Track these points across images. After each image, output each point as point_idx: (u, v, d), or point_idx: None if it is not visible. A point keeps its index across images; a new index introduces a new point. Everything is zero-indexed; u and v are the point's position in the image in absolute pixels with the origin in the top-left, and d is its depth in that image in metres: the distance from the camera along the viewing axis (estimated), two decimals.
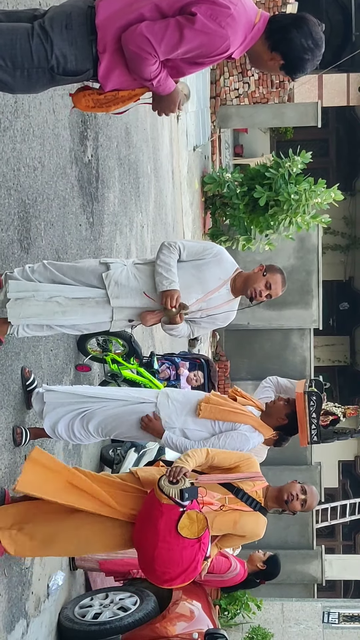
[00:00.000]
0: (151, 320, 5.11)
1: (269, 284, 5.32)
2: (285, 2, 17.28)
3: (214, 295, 5.20)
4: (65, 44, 3.59)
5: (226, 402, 5.70)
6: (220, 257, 5.21)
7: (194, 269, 5.14)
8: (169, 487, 4.63)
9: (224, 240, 15.44)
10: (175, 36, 3.58)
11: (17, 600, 5.41)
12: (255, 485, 5.32)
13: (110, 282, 4.99)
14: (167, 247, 5.08)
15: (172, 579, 4.73)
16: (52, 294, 4.94)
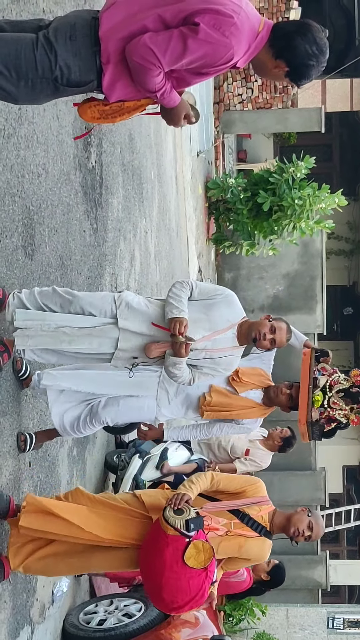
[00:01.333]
0: (155, 351, 5.08)
1: (274, 328, 5.35)
2: (289, 8, 17.29)
3: (220, 337, 5.21)
4: (69, 54, 3.59)
5: (227, 399, 5.65)
6: (231, 300, 5.26)
7: (204, 307, 5.18)
8: (174, 519, 4.63)
9: (228, 246, 15.44)
10: (179, 47, 3.58)
11: (21, 607, 5.41)
12: (262, 509, 5.29)
13: (122, 302, 5.04)
14: (179, 283, 5.17)
15: (180, 607, 4.73)
16: (60, 324, 4.97)
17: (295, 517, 5.40)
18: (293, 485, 16.26)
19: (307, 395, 5.60)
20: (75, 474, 6.82)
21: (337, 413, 5.57)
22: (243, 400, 5.68)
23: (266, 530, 5.29)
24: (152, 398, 5.61)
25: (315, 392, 5.59)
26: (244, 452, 8.56)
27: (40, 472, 5.82)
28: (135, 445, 7.71)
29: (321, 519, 5.56)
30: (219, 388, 5.67)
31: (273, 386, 5.76)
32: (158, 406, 5.62)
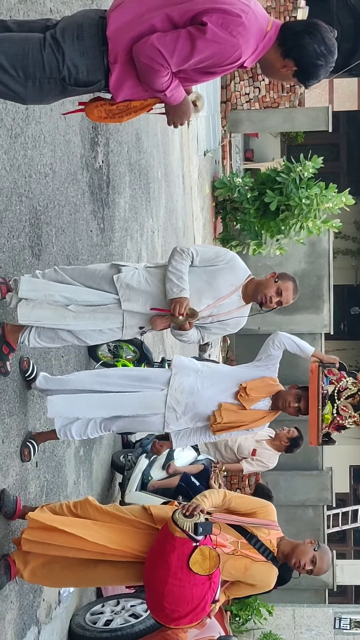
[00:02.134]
0: (161, 324, 5.10)
1: (280, 290, 5.29)
2: (296, 7, 17.26)
3: (225, 302, 5.18)
4: (77, 54, 3.58)
5: (237, 415, 5.58)
6: (233, 264, 5.19)
7: (206, 275, 5.12)
8: (183, 520, 4.59)
9: (235, 245, 15.43)
10: (187, 47, 3.56)
11: (28, 608, 5.40)
12: (270, 533, 5.25)
13: (122, 284, 4.99)
14: (179, 252, 5.07)
15: (181, 618, 4.64)
16: (63, 294, 4.93)
17: (301, 548, 5.32)
18: (300, 485, 16.24)
19: (317, 418, 5.54)
20: (82, 474, 6.81)
21: (347, 422, 5.51)
22: (252, 413, 5.60)
23: (273, 556, 5.23)
24: (160, 416, 5.57)
25: (325, 410, 5.53)
26: (251, 452, 8.56)
27: (46, 472, 5.82)
28: (141, 445, 7.70)
29: (328, 555, 5.44)
30: (227, 405, 5.58)
31: (281, 396, 5.64)
32: (166, 423, 5.59)
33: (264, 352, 5.71)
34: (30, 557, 4.90)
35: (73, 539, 4.83)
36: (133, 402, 5.51)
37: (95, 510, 5.03)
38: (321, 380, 5.47)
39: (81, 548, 4.85)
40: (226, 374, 5.71)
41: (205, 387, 5.55)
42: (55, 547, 4.86)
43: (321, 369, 5.53)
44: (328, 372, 5.52)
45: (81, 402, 5.46)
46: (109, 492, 7.91)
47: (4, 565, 4.83)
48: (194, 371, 5.63)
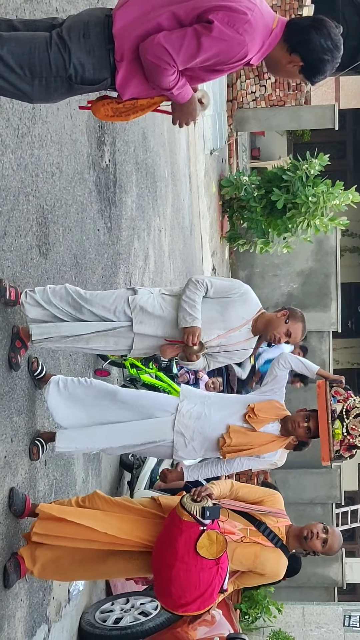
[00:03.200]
0: (170, 353, 5.18)
1: (290, 332, 5.34)
2: (302, 5, 17.25)
3: (235, 333, 5.23)
4: (83, 52, 3.59)
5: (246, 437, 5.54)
6: (246, 297, 5.24)
7: (219, 306, 5.18)
8: (190, 504, 4.61)
9: (242, 244, 15.43)
10: (193, 45, 3.57)
11: (38, 606, 5.42)
12: (279, 521, 5.27)
13: (136, 306, 5.06)
14: (194, 283, 5.13)
15: (188, 604, 4.64)
16: (75, 333, 5.06)
17: (310, 524, 5.40)
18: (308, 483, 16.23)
19: (327, 432, 5.52)
20: (91, 472, 6.83)
21: (357, 440, 5.49)
22: (262, 435, 5.58)
23: (282, 543, 5.25)
24: (169, 442, 5.55)
25: (335, 425, 5.51)
26: None
27: (55, 470, 5.83)
28: None
29: (339, 532, 5.49)
30: (236, 427, 5.55)
31: (290, 418, 5.62)
32: (175, 449, 5.57)
33: (270, 374, 5.73)
34: (39, 552, 4.92)
35: (83, 530, 4.85)
36: (142, 430, 5.47)
37: (103, 502, 5.06)
38: (329, 396, 5.48)
39: (91, 539, 4.87)
40: (233, 400, 5.74)
41: (213, 412, 5.53)
42: (65, 538, 4.89)
43: (328, 384, 5.54)
44: (335, 392, 5.52)
45: (91, 435, 5.43)
46: (117, 491, 7.92)
47: (13, 564, 4.85)
48: (201, 397, 5.64)
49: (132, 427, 5.47)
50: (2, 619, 4.77)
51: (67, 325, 5.05)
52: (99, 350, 5.30)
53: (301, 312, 5.50)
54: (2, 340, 4.84)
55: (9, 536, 4.92)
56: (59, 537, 4.89)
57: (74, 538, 4.89)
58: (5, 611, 4.83)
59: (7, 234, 4.82)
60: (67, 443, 5.40)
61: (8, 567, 4.81)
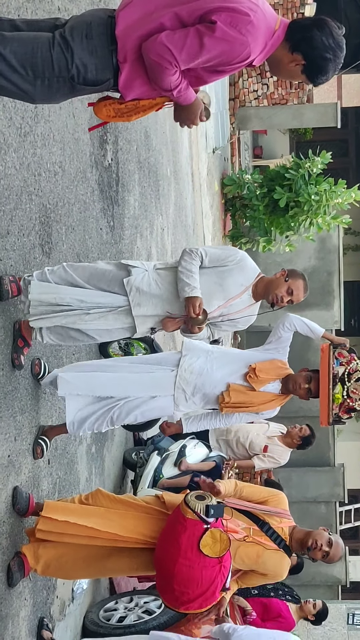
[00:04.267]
0: (172, 327, 5.16)
1: (291, 289, 5.30)
2: (304, 3, 17.24)
3: (236, 301, 5.21)
4: (86, 53, 3.59)
5: (246, 396, 5.58)
6: (243, 264, 5.19)
7: (216, 276, 5.13)
8: (194, 502, 4.61)
9: (244, 242, 15.42)
10: (196, 45, 3.57)
11: (42, 605, 5.42)
12: (282, 522, 5.26)
13: (132, 288, 5.01)
14: (188, 253, 5.09)
15: (190, 601, 4.63)
16: (75, 297, 4.97)
17: (316, 531, 5.39)
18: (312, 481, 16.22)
19: (327, 397, 5.53)
20: (94, 471, 6.83)
21: (357, 404, 5.50)
22: (261, 395, 5.61)
23: (285, 544, 5.24)
24: (170, 397, 5.57)
25: (335, 390, 5.52)
26: (263, 449, 8.55)
27: (59, 469, 5.84)
28: (153, 443, 7.71)
29: (341, 542, 5.50)
30: (236, 386, 5.59)
31: (292, 378, 5.66)
32: (176, 404, 5.59)
33: (274, 334, 5.69)
34: (42, 551, 4.93)
35: (85, 528, 4.86)
36: (144, 382, 5.48)
37: (107, 499, 5.07)
38: (332, 359, 5.48)
39: (94, 536, 4.88)
40: (236, 356, 5.71)
41: (214, 368, 5.53)
42: (68, 535, 4.89)
43: (332, 349, 5.54)
44: (338, 354, 5.52)
45: (93, 380, 5.43)
46: (120, 489, 7.93)
47: (17, 562, 4.85)
48: (204, 352, 5.61)
49: (135, 377, 5.48)
50: (6, 618, 4.77)
51: (67, 288, 5.00)
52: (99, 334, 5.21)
53: (300, 271, 5.48)
54: (5, 339, 4.84)
55: (12, 535, 4.93)
56: (62, 534, 4.90)
57: (76, 535, 4.90)
58: (9, 610, 4.84)
59: (10, 233, 4.82)
60: (69, 388, 5.37)
61: (12, 566, 4.81)
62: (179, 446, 7.61)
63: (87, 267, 5.14)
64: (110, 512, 5.00)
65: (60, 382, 5.35)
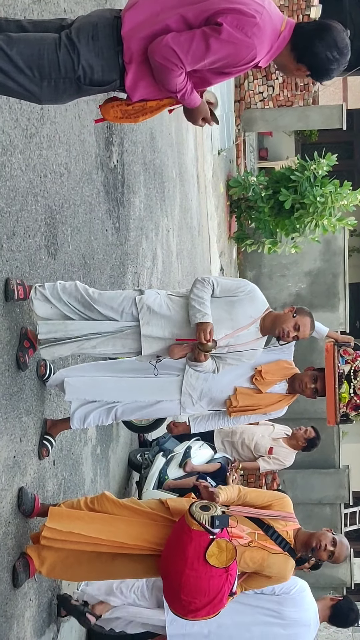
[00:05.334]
0: (179, 353, 5.13)
1: (298, 325, 5.32)
2: (309, 5, 17.24)
3: (243, 333, 5.20)
4: (92, 54, 3.60)
5: (253, 399, 5.60)
6: (253, 295, 5.22)
7: (226, 305, 5.15)
8: (199, 513, 4.60)
9: (250, 244, 15.42)
10: (202, 47, 3.58)
11: (47, 606, 5.43)
12: (287, 525, 5.26)
13: (143, 306, 5.03)
14: (200, 282, 5.11)
15: (198, 610, 4.63)
16: (82, 332, 5.01)
17: (319, 532, 5.38)
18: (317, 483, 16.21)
19: (333, 397, 5.54)
20: (99, 472, 6.84)
21: None
22: (268, 396, 5.64)
23: (290, 547, 5.24)
24: (176, 402, 5.60)
25: (342, 389, 5.52)
26: (268, 451, 8.55)
27: (64, 470, 5.84)
28: (158, 444, 7.71)
29: (346, 541, 5.49)
30: (243, 390, 5.61)
31: (298, 378, 5.69)
32: (183, 407, 5.62)
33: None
34: (47, 553, 4.93)
35: (90, 537, 4.87)
36: (149, 387, 5.53)
37: (112, 504, 5.07)
38: (337, 359, 5.48)
39: (98, 543, 4.89)
40: None
41: (220, 372, 5.56)
42: (73, 542, 4.90)
43: (336, 348, 5.55)
44: (344, 352, 5.53)
45: (100, 384, 5.48)
46: (125, 491, 7.93)
47: (22, 563, 4.86)
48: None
49: (140, 382, 5.53)
50: (11, 619, 4.78)
51: (75, 324, 5.03)
52: (106, 355, 5.29)
53: (308, 309, 5.51)
54: (10, 340, 4.85)
55: (18, 536, 4.93)
56: (67, 541, 4.90)
57: (81, 542, 4.91)
58: (15, 610, 4.84)
59: (16, 234, 4.83)
60: (76, 393, 5.43)
61: (17, 566, 4.82)
62: (184, 447, 7.61)
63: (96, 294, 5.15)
64: (115, 519, 5.00)
65: (67, 387, 5.41)
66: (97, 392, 5.47)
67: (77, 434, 6.18)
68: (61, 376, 5.44)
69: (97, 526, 4.92)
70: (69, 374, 5.48)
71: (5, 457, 4.72)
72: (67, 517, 4.96)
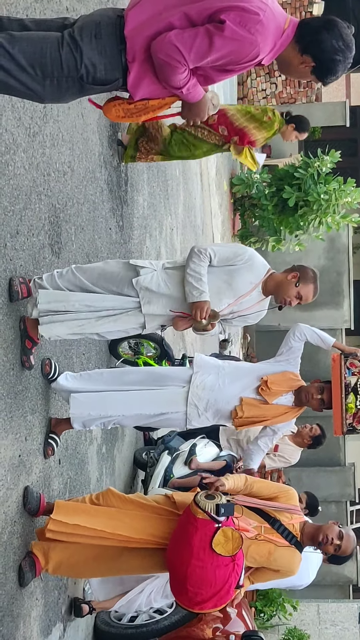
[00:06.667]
0: (183, 325, 5.15)
1: (300, 295, 5.31)
2: (312, 2, 17.24)
3: (246, 299, 5.20)
4: (95, 53, 3.59)
5: (259, 409, 5.61)
6: (252, 262, 5.18)
7: (226, 275, 5.12)
8: (204, 502, 4.59)
9: (254, 242, 15.41)
10: (205, 44, 3.56)
11: (53, 605, 5.43)
12: (293, 518, 5.25)
13: (141, 288, 5.01)
14: (197, 254, 5.06)
15: (204, 601, 4.61)
16: (84, 303, 4.98)
17: (326, 525, 5.37)
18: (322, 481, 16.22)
19: (340, 407, 5.55)
20: (105, 471, 6.83)
21: None
22: (274, 408, 5.63)
23: (297, 540, 5.23)
24: (181, 414, 5.60)
25: (348, 399, 5.53)
26: (273, 448, 8.54)
27: (69, 469, 5.84)
28: (164, 442, 7.71)
29: (353, 534, 5.48)
30: (249, 400, 5.60)
31: (304, 389, 5.69)
32: (188, 419, 5.63)
33: (285, 344, 5.76)
34: (52, 551, 4.93)
35: (96, 530, 4.86)
36: (155, 400, 5.55)
37: (117, 499, 5.07)
38: (343, 370, 5.48)
39: (104, 537, 4.88)
40: (247, 370, 5.73)
41: (226, 383, 5.58)
42: (78, 536, 4.89)
43: (343, 358, 5.55)
44: (350, 364, 5.53)
45: (104, 400, 5.49)
46: (131, 489, 7.93)
47: (28, 562, 4.85)
48: (215, 368, 5.65)
49: (145, 395, 5.54)
50: (17, 618, 4.78)
51: (77, 295, 5.00)
52: (110, 334, 5.23)
53: (312, 271, 5.46)
54: (15, 339, 4.84)
55: (24, 535, 4.93)
56: (72, 535, 4.90)
57: (87, 535, 4.90)
58: (21, 610, 4.84)
59: (20, 233, 4.82)
60: (81, 408, 5.42)
61: (23, 565, 4.81)
62: (189, 445, 7.60)
63: (96, 268, 5.14)
64: (120, 512, 4.99)
65: (73, 402, 5.42)
66: (102, 407, 5.48)
67: (82, 433, 6.18)
68: (66, 387, 5.41)
69: (102, 519, 4.92)
70: (75, 387, 5.45)
71: (11, 456, 4.71)
72: (72, 510, 4.96)
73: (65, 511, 4.93)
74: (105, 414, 5.49)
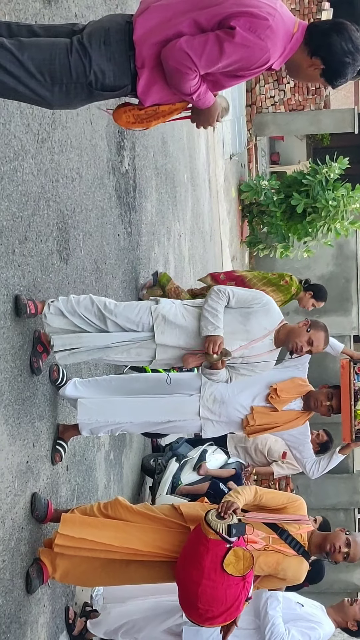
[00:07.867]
0: (193, 362, 5.18)
1: (312, 340, 5.33)
2: (320, 9, 17.24)
3: (257, 344, 5.23)
4: (104, 59, 3.58)
5: (269, 417, 5.62)
6: (268, 308, 5.24)
7: (242, 316, 5.18)
8: (216, 522, 4.57)
9: (262, 248, 15.41)
10: (215, 50, 3.56)
11: (61, 611, 5.41)
12: (301, 528, 5.24)
13: (158, 315, 5.07)
14: (216, 292, 5.15)
15: (214, 617, 4.60)
16: (96, 343, 5.04)
17: (333, 534, 5.37)
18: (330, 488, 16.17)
19: (349, 413, 5.55)
20: (112, 478, 6.82)
21: None
22: (285, 414, 5.65)
23: (304, 550, 5.23)
24: (188, 422, 5.67)
25: (357, 406, 5.52)
26: (281, 456, 8.52)
27: (77, 476, 5.83)
28: (172, 449, 7.70)
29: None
30: (259, 408, 5.64)
31: (313, 395, 5.70)
32: (204, 430, 5.70)
33: None
34: (59, 558, 4.91)
35: (104, 544, 4.86)
36: (163, 407, 5.58)
37: (125, 511, 5.05)
38: (352, 376, 5.48)
39: (112, 550, 4.87)
40: (256, 378, 5.73)
41: (235, 393, 5.62)
42: (86, 549, 4.88)
43: (352, 364, 5.54)
44: (359, 369, 5.52)
45: (112, 407, 5.50)
46: (139, 496, 7.91)
47: (36, 569, 4.84)
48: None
49: (154, 403, 5.58)
50: (25, 625, 4.76)
51: (89, 336, 5.05)
52: (120, 362, 5.32)
53: (323, 323, 5.50)
54: (23, 345, 4.84)
55: (31, 541, 4.92)
56: (80, 549, 4.89)
57: (94, 549, 4.89)
58: (28, 617, 4.83)
59: (28, 239, 4.82)
60: (88, 415, 5.44)
61: (31, 572, 4.80)
62: (198, 452, 7.59)
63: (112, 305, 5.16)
64: (128, 525, 4.98)
65: (80, 407, 5.45)
66: (110, 415, 5.50)
67: (90, 440, 6.17)
68: (74, 393, 5.43)
69: (109, 533, 4.90)
70: (82, 393, 5.47)
71: (19, 462, 4.71)
72: (79, 523, 4.94)
73: (72, 525, 4.91)
74: (113, 421, 5.52)
